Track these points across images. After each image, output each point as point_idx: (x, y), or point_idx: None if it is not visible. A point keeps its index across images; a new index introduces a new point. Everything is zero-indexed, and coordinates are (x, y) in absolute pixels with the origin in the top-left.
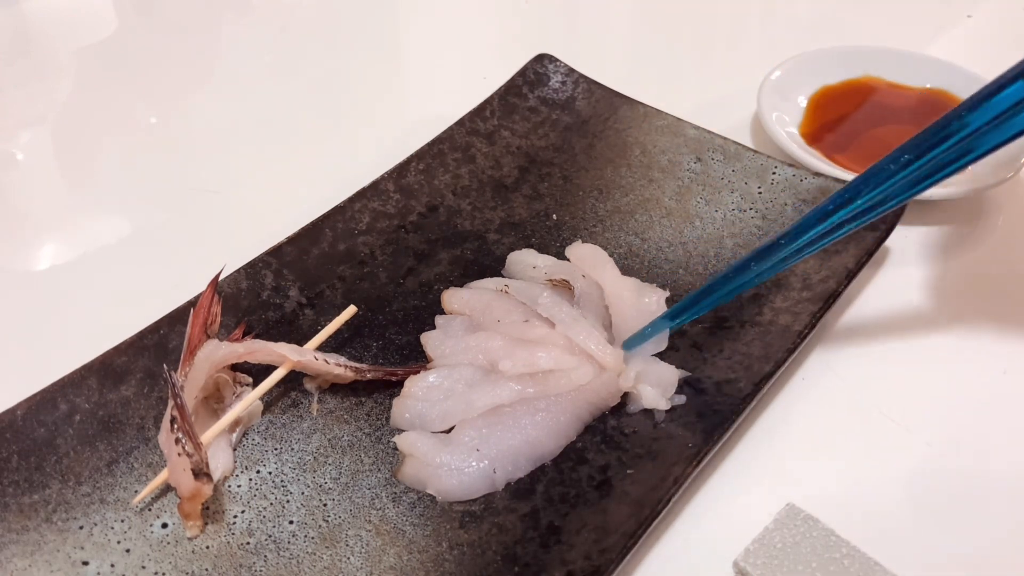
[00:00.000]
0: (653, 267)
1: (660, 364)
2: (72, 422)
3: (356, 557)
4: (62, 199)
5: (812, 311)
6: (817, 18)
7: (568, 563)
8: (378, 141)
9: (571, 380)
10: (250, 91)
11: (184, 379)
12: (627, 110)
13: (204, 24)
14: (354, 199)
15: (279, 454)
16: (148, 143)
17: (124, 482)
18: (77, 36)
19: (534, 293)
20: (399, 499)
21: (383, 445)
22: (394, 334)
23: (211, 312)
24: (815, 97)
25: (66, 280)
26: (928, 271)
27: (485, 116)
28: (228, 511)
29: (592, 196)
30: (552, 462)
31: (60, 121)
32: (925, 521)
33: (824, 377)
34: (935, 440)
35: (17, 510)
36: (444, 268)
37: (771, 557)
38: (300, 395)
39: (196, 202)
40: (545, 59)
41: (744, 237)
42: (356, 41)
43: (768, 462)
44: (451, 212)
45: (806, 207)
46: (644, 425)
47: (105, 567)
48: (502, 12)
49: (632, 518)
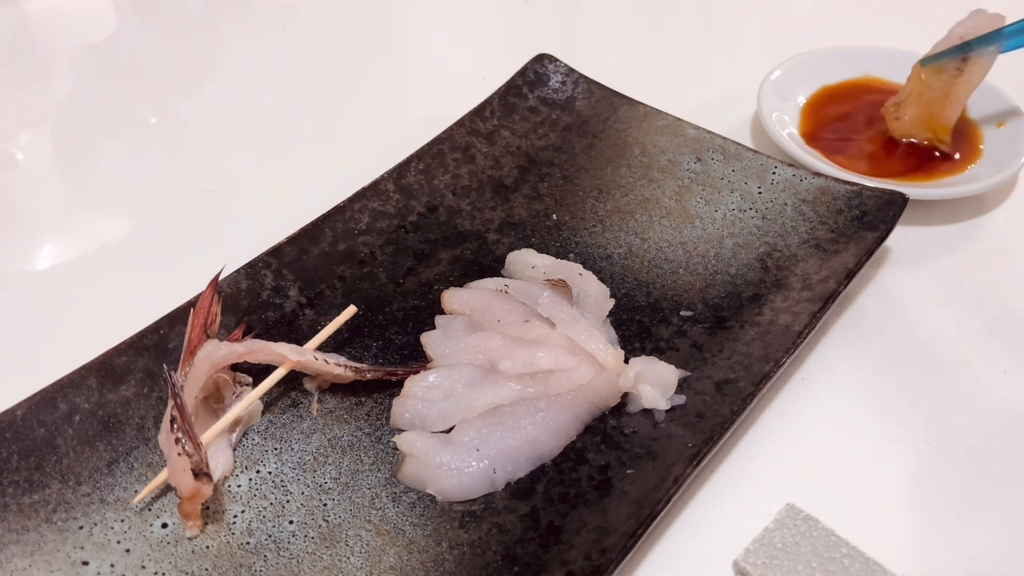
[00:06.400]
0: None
1: (660, 364)
2: (72, 422)
3: (356, 557)
4: (62, 199)
5: (812, 311)
6: (817, 18)
7: (568, 563)
8: (378, 141)
9: (571, 380)
10: (250, 91)
11: (184, 379)
12: (627, 110)
13: (204, 24)
14: (354, 199)
15: (279, 454)
16: (148, 143)
17: (124, 482)
18: (77, 36)
19: (534, 293)
20: (399, 499)
21: (383, 445)
22: (394, 334)
23: (211, 312)
24: (815, 97)
25: (66, 280)
26: (928, 271)
27: (485, 116)
28: (228, 511)
29: (592, 196)
30: (552, 462)
31: (60, 121)
32: (925, 521)
33: (824, 377)
34: (935, 440)
35: (17, 510)
36: (444, 268)
37: (771, 557)
38: (300, 395)
39: (196, 202)
40: (545, 59)
41: (744, 237)
42: (356, 41)
43: (768, 462)
44: (451, 212)
45: (806, 207)
46: (644, 425)
47: (105, 567)
48: (502, 12)
49: (632, 518)
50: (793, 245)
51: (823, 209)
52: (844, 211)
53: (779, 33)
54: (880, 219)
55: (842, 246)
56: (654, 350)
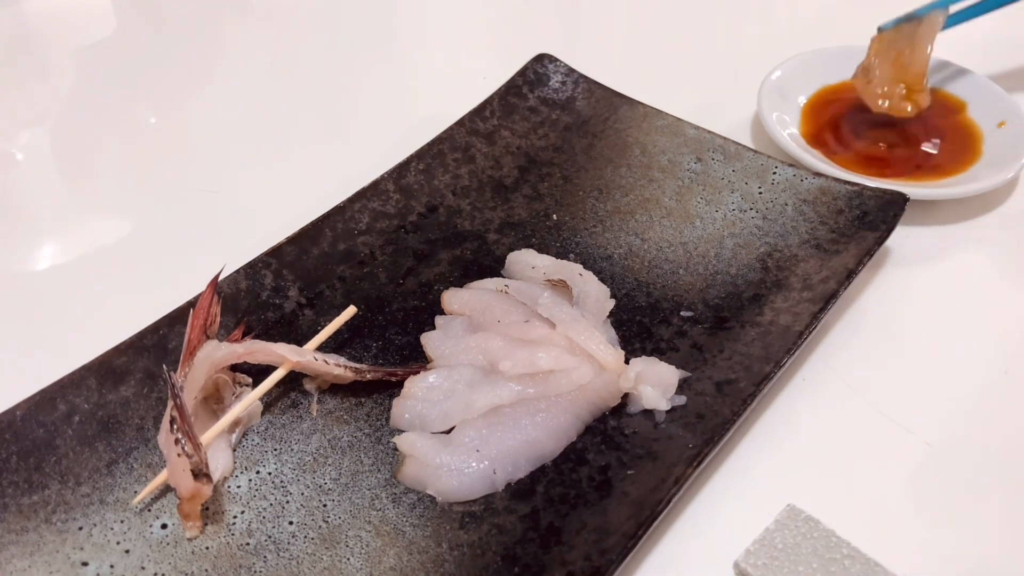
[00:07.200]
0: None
1: (660, 364)
2: (71, 423)
3: (356, 558)
4: (62, 199)
5: (812, 311)
6: (817, 18)
7: (568, 564)
8: (378, 141)
9: (571, 380)
10: (250, 91)
11: (183, 380)
12: (627, 110)
13: (204, 24)
14: (354, 199)
15: (279, 454)
16: (148, 143)
17: (124, 483)
18: (77, 36)
19: (534, 293)
20: (399, 500)
21: (383, 446)
22: (394, 334)
23: (211, 312)
24: (815, 97)
25: (66, 280)
26: (928, 271)
27: (485, 116)
28: (228, 512)
29: (592, 196)
30: (552, 462)
31: (60, 121)
32: (925, 521)
33: (824, 377)
34: (935, 440)
35: (17, 511)
36: (444, 268)
37: (772, 558)
38: (300, 395)
39: (196, 202)
40: (545, 59)
41: (744, 237)
42: (356, 41)
43: (768, 463)
44: (451, 212)
45: (807, 207)
46: (644, 425)
47: (104, 568)
48: (502, 12)
49: (632, 519)
50: (794, 245)
51: (824, 209)
52: (845, 211)
53: (779, 33)
54: (881, 219)
55: (843, 246)
56: (654, 350)
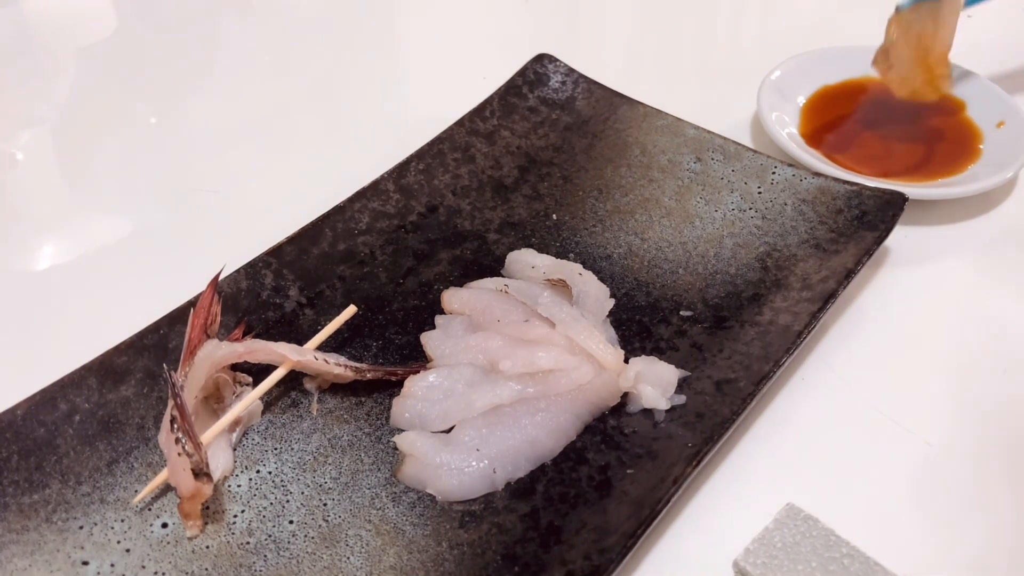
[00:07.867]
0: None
1: (660, 364)
2: (72, 422)
3: (356, 557)
4: (62, 199)
5: (812, 311)
6: (817, 18)
7: (568, 563)
8: (378, 141)
9: (571, 380)
10: (250, 91)
11: (184, 379)
12: (627, 110)
13: (204, 24)
14: (354, 199)
15: (279, 454)
16: (148, 143)
17: (124, 482)
18: (77, 36)
19: (534, 293)
20: (399, 499)
21: (383, 445)
22: (394, 334)
23: (211, 312)
24: (815, 97)
25: (66, 280)
26: (928, 271)
27: (485, 116)
28: (228, 511)
29: (592, 196)
30: (552, 462)
31: (60, 121)
32: (925, 521)
33: (824, 377)
34: (935, 440)
35: (17, 510)
36: (444, 268)
37: (771, 557)
38: (300, 395)
39: (196, 202)
40: (545, 59)
41: (744, 237)
42: (356, 41)
43: (768, 462)
44: (451, 212)
45: (806, 207)
46: (644, 425)
47: (105, 567)
48: (502, 12)
49: (632, 518)
50: (793, 245)
51: (823, 209)
52: (844, 211)
53: (779, 33)
54: (880, 219)
55: (842, 246)
56: (654, 350)
